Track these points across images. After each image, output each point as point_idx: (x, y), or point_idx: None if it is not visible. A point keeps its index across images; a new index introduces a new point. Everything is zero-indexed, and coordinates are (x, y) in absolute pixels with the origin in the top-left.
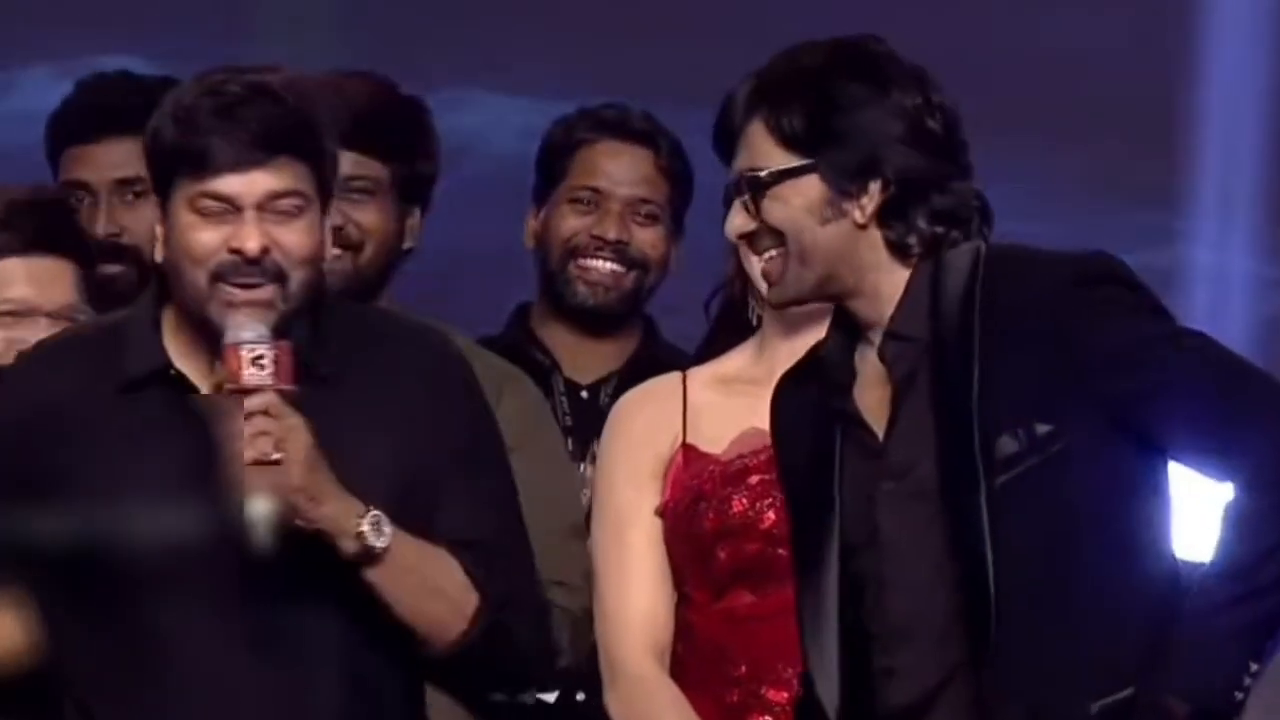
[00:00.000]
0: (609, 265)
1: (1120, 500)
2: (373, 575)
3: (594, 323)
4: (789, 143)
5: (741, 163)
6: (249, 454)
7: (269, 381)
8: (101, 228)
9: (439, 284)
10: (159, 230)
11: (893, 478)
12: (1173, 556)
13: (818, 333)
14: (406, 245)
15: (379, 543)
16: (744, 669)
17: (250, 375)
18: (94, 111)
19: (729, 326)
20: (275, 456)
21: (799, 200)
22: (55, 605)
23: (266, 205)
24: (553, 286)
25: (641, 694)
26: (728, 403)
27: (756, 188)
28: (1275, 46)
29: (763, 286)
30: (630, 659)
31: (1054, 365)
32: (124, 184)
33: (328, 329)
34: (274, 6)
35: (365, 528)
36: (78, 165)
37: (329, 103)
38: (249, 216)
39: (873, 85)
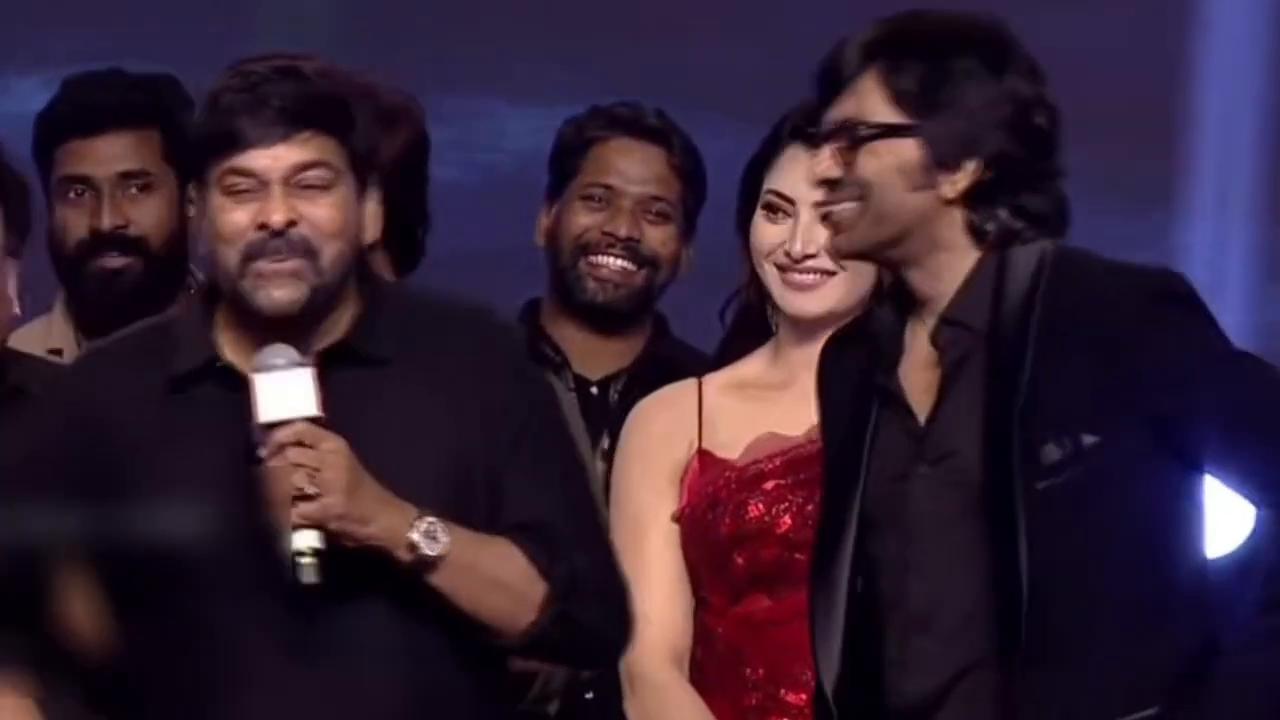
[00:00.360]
0: (619, 262)
1: (1159, 518)
2: (433, 578)
3: (603, 320)
4: (898, 101)
5: (844, 109)
6: (285, 490)
7: (298, 411)
8: (107, 221)
9: (447, 283)
10: (203, 225)
11: (930, 461)
12: (1205, 575)
13: None
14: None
15: (433, 551)
16: (762, 672)
17: (279, 407)
18: (93, 105)
19: (745, 332)
20: (312, 490)
21: (893, 160)
22: (116, 605)
23: (293, 179)
24: (563, 283)
25: (661, 699)
26: (743, 408)
27: (855, 138)
28: (1272, 49)
29: (795, 305)
30: (649, 664)
31: (1108, 377)
32: (127, 177)
33: (377, 311)
34: (273, 9)
35: (417, 537)
36: (77, 160)
37: None
38: (275, 191)
39: (992, 65)
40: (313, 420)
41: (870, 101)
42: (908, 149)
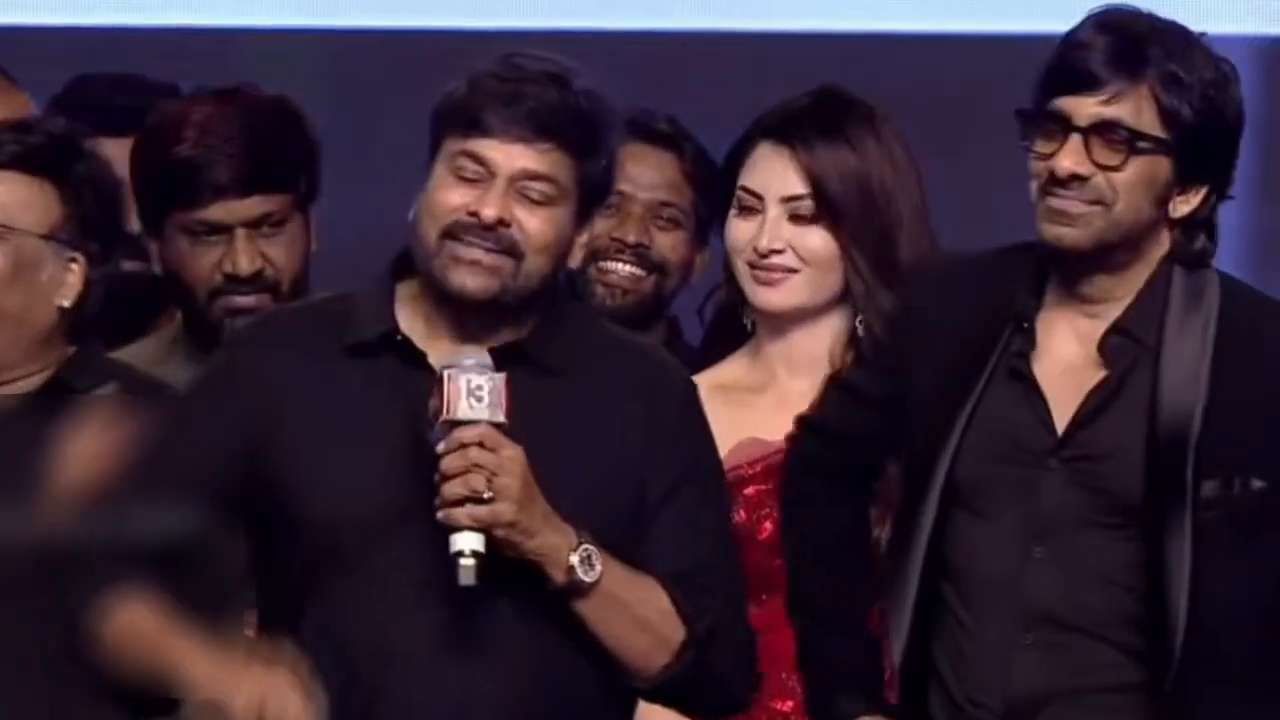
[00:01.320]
0: (628, 268)
1: None
2: (580, 606)
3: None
4: (1166, 118)
5: (1113, 112)
6: (459, 489)
7: (485, 414)
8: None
9: None
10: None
11: (1065, 458)
12: None
13: (811, 337)
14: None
15: (588, 578)
16: None
17: (467, 407)
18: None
19: (720, 332)
20: (488, 495)
21: (1149, 173)
22: (267, 569)
23: (519, 181)
24: (574, 289)
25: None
26: (725, 412)
27: (1132, 147)
28: (1260, 80)
29: (760, 298)
30: None
31: None
32: None
33: (558, 323)
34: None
35: (575, 561)
36: None
37: None
38: (499, 185)
39: (1227, 87)
40: (497, 426)
41: (1143, 112)
42: (1163, 165)
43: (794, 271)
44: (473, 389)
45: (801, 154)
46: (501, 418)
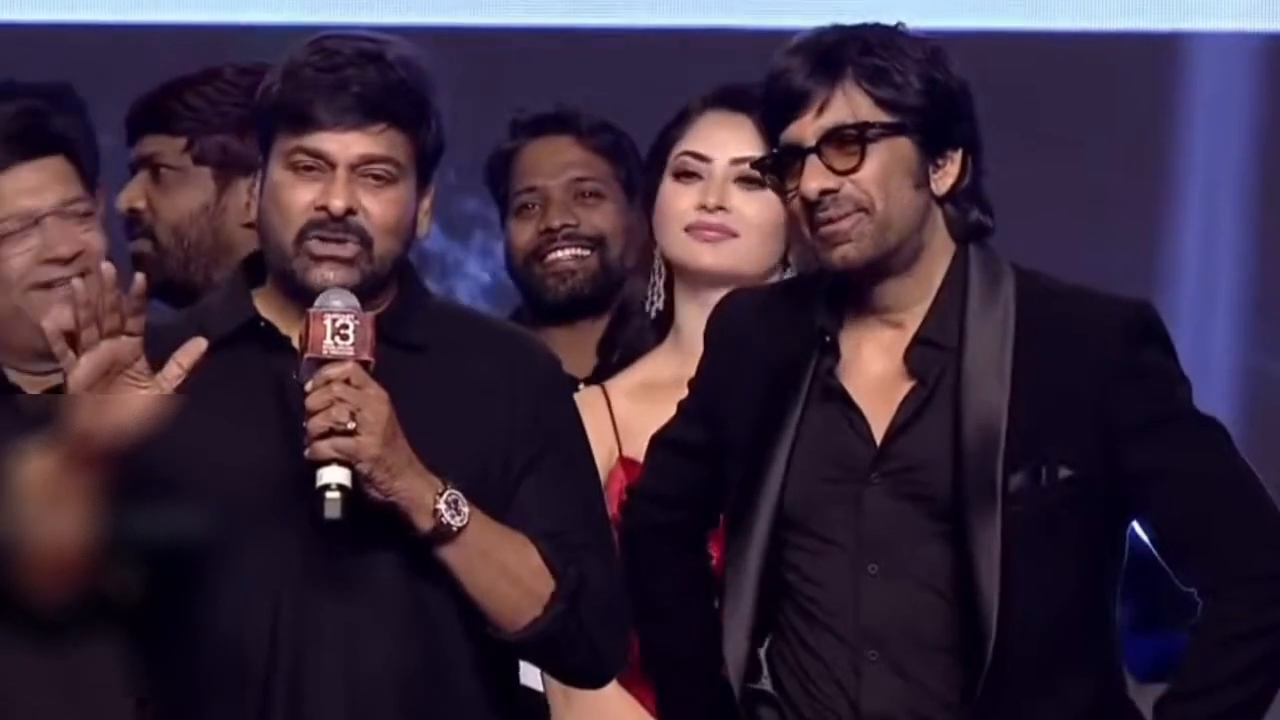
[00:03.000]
0: (568, 251)
1: (1101, 561)
2: (446, 554)
3: (575, 312)
4: (881, 105)
5: (830, 119)
6: (323, 422)
7: (350, 352)
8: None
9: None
10: (254, 190)
11: (886, 472)
12: (1113, 626)
13: None
14: None
15: (455, 521)
16: None
17: (332, 345)
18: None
19: (662, 326)
20: (350, 425)
21: (893, 159)
22: None
23: (359, 168)
24: (530, 295)
25: (595, 705)
26: (656, 410)
27: (862, 140)
28: (1255, 129)
29: (696, 256)
30: None
31: (1091, 418)
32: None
33: (413, 303)
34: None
35: (442, 506)
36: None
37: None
38: (340, 176)
39: (934, 57)
40: (362, 364)
41: (858, 107)
42: (903, 146)
43: (734, 235)
44: (338, 328)
45: (758, 119)
46: (367, 356)
